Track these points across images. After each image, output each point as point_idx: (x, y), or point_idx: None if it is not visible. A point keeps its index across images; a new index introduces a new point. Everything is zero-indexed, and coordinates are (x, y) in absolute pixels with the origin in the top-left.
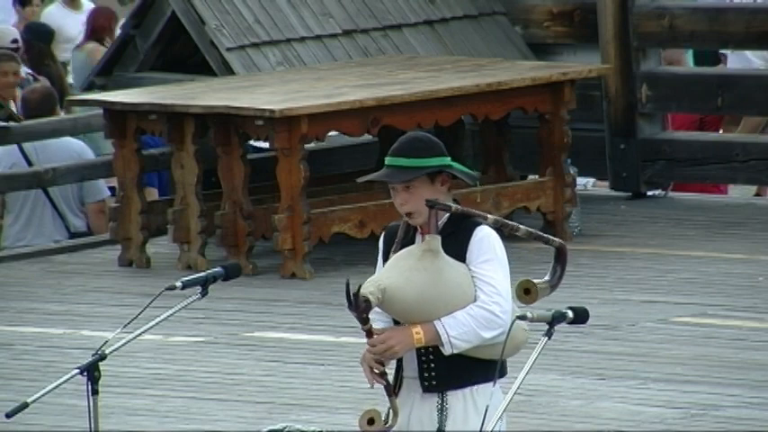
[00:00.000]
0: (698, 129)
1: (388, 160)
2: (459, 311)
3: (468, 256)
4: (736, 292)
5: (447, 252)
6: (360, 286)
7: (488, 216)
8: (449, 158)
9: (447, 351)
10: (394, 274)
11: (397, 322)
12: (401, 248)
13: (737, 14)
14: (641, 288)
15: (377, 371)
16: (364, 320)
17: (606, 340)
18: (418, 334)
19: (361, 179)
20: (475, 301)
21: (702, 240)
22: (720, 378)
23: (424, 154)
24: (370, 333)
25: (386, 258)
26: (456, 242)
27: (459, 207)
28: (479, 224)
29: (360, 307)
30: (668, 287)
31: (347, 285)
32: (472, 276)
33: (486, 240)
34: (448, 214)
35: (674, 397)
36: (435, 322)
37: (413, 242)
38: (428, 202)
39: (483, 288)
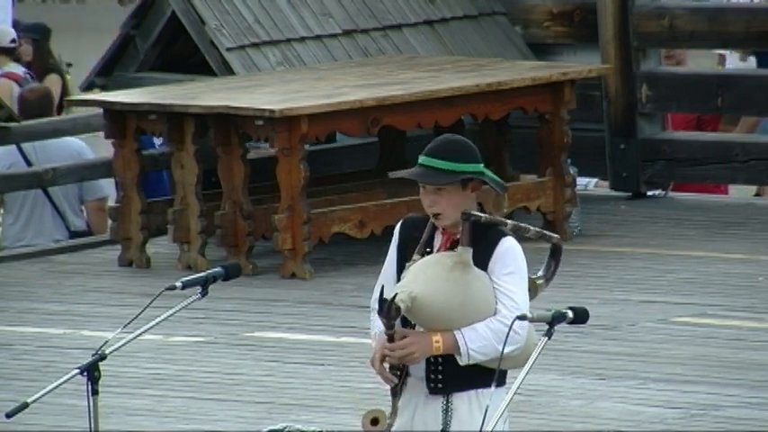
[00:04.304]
0: (695, 128)
1: (422, 159)
2: (480, 324)
3: (490, 265)
4: (735, 293)
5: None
6: (395, 294)
7: (508, 222)
8: (482, 165)
9: (463, 362)
10: (422, 282)
11: (404, 322)
12: (424, 248)
13: (737, 14)
14: (641, 288)
15: (388, 376)
16: (391, 326)
17: (606, 340)
18: (438, 342)
19: (393, 174)
20: (495, 313)
21: (702, 240)
22: (720, 378)
23: (461, 159)
24: (392, 338)
25: (402, 249)
26: (479, 251)
27: (488, 216)
28: (504, 235)
29: (391, 314)
30: (668, 287)
31: (382, 291)
32: (493, 287)
33: (510, 252)
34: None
35: (673, 397)
36: (456, 333)
37: (432, 240)
38: (464, 215)
39: (504, 302)
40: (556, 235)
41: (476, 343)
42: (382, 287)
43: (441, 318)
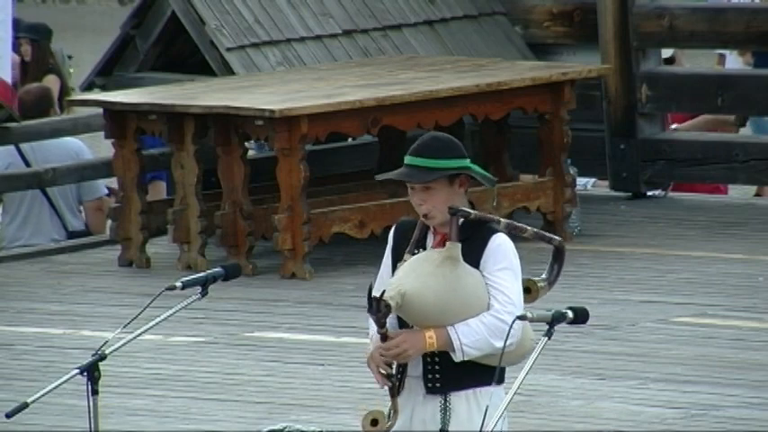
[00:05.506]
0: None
1: (407, 159)
2: (473, 319)
3: (482, 263)
4: (735, 293)
5: (462, 257)
6: (383, 291)
7: (501, 220)
8: (468, 160)
9: (458, 358)
10: (412, 278)
11: (401, 323)
12: (415, 248)
13: (737, 14)
14: (641, 288)
15: (383, 372)
16: (382, 324)
17: (606, 340)
18: (431, 339)
19: (379, 177)
20: (488, 308)
21: (702, 240)
22: (720, 378)
23: (445, 155)
24: (385, 336)
25: (396, 253)
26: (471, 248)
27: (477, 213)
28: (495, 231)
29: (380, 311)
30: (668, 287)
31: (370, 288)
32: (486, 283)
33: (502, 248)
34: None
35: (673, 397)
36: (449, 328)
37: (425, 240)
38: (450, 210)
39: (497, 297)
40: (557, 237)
41: (469, 338)
42: (371, 286)
43: (432, 314)
